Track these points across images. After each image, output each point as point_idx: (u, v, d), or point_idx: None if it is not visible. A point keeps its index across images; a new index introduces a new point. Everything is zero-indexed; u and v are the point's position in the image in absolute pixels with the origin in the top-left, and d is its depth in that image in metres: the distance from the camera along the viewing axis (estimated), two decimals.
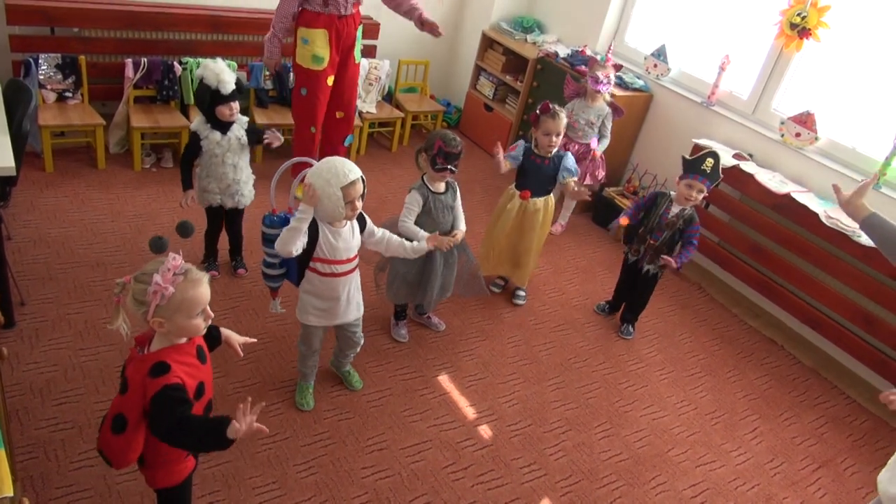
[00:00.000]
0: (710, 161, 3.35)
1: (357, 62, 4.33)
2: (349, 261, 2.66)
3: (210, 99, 3.17)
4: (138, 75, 4.43)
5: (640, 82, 4.92)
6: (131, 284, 1.75)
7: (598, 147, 4.52)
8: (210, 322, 1.86)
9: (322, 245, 2.57)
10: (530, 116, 3.60)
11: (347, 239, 2.62)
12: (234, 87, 3.21)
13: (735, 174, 4.14)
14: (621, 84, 4.87)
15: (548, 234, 3.90)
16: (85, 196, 4.09)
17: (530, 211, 3.70)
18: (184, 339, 1.84)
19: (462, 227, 3.23)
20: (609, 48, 4.60)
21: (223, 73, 3.17)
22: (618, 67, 4.47)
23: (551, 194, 3.75)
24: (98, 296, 3.33)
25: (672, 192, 3.54)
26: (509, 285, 4.07)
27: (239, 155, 3.36)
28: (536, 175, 3.64)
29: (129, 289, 1.76)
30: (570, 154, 3.68)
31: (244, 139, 3.35)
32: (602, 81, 4.35)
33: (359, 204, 2.51)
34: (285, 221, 2.63)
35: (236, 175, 3.39)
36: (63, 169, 4.30)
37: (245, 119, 3.38)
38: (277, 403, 2.96)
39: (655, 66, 4.88)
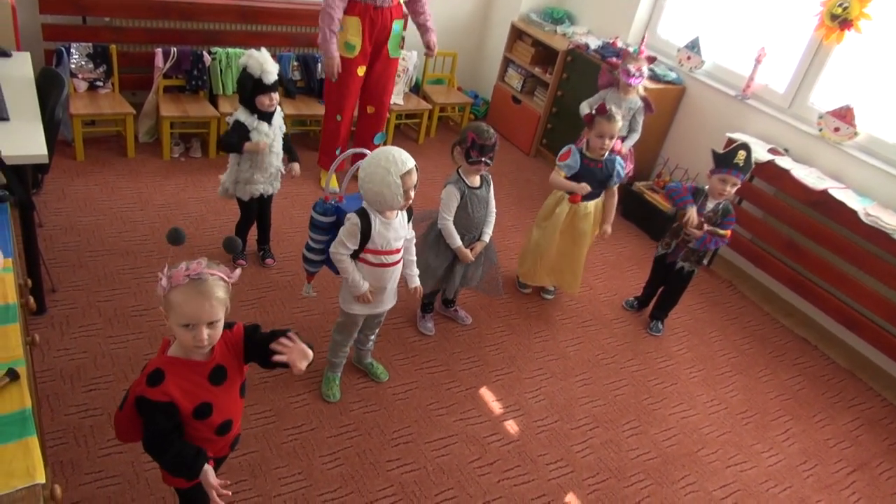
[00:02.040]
0: (742, 153, 3.29)
1: (393, 56, 4.30)
2: (397, 251, 2.68)
3: (252, 87, 3.20)
4: (168, 65, 4.46)
5: (673, 75, 4.85)
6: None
7: (626, 142, 4.46)
8: (204, 346, 1.70)
9: (374, 237, 2.58)
10: (585, 117, 3.52)
11: (398, 229, 2.63)
12: (276, 77, 3.24)
13: (770, 170, 4.07)
14: (653, 76, 4.80)
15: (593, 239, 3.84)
16: (114, 185, 4.13)
17: (581, 215, 3.58)
18: (199, 355, 1.76)
19: (487, 235, 3.26)
20: (642, 40, 4.54)
21: (267, 63, 3.20)
22: (651, 60, 4.41)
23: (601, 196, 3.67)
24: (127, 284, 3.37)
25: (706, 187, 3.49)
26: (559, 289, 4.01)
27: (280, 143, 3.42)
28: (589, 179, 3.53)
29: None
30: (619, 158, 3.58)
31: (284, 126, 3.42)
32: (634, 75, 4.30)
33: (412, 193, 2.52)
34: (337, 210, 2.69)
35: (278, 162, 3.44)
36: (93, 157, 4.35)
37: (280, 110, 3.41)
38: (304, 394, 2.97)
39: (689, 58, 4.81)
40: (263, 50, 3.25)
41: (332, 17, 3.94)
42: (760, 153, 4.13)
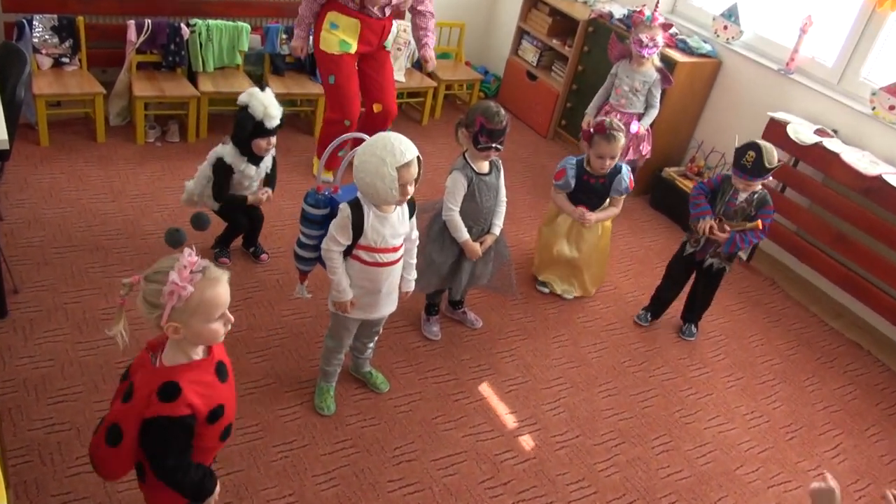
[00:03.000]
0: (750, 155, 3.24)
1: (387, 49, 4.42)
2: (395, 249, 2.65)
3: (252, 130, 3.26)
4: (141, 39, 4.45)
5: (707, 47, 4.82)
6: (141, 285, 1.74)
7: (644, 120, 4.50)
8: (230, 327, 1.83)
9: (367, 231, 2.56)
10: (583, 134, 3.62)
11: (395, 225, 2.61)
12: (279, 122, 3.30)
13: (817, 153, 4.04)
14: (685, 48, 4.78)
15: (610, 237, 3.92)
16: (83, 173, 4.13)
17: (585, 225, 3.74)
18: (200, 351, 1.83)
19: (497, 227, 3.27)
20: (656, 6, 4.49)
21: (271, 108, 3.25)
22: (667, 27, 4.39)
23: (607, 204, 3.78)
24: (97, 283, 3.37)
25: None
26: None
27: (262, 177, 3.53)
28: (589, 195, 3.66)
29: (138, 289, 1.75)
30: (626, 169, 3.65)
31: (271, 166, 3.55)
32: (647, 45, 4.29)
33: (411, 188, 2.49)
34: (330, 202, 2.67)
35: (256, 187, 3.55)
36: (59, 142, 4.35)
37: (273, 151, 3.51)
38: (295, 406, 2.97)
39: (725, 28, 4.78)
40: (269, 90, 3.31)
41: (314, 10, 4.16)
42: (806, 134, 4.10)
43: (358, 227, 2.54)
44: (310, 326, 3.40)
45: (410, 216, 2.71)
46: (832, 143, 4.05)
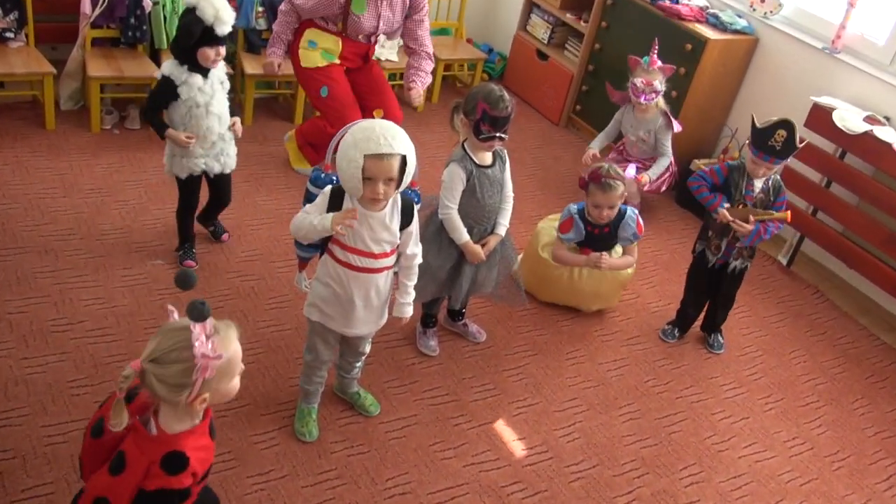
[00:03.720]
0: (781, 133, 3.25)
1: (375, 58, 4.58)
2: (374, 256, 2.62)
3: (199, 36, 3.21)
4: (97, 11, 4.44)
5: (742, 22, 4.84)
6: (149, 369, 1.72)
7: (654, 169, 4.58)
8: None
9: None
10: (579, 182, 3.66)
11: (376, 228, 2.58)
12: (230, 29, 3.26)
13: (867, 143, 4.05)
14: (717, 24, 4.79)
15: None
16: (30, 164, 4.12)
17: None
18: (200, 416, 1.86)
19: (502, 226, 3.26)
20: (654, 47, 4.46)
21: (223, 11, 3.21)
22: (668, 71, 4.44)
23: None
24: (46, 290, 3.36)
25: (744, 160, 3.47)
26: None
27: (223, 103, 3.43)
28: (596, 244, 3.69)
29: (147, 375, 1.73)
30: (631, 212, 3.66)
31: (227, 83, 3.45)
32: (642, 91, 4.37)
33: (383, 189, 2.44)
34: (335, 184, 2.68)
35: (222, 128, 3.44)
36: (2, 130, 4.34)
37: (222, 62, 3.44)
38: (272, 432, 2.96)
39: (763, 0, 4.79)
40: None
41: (287, 26, 4.24)
42: (854, 122, 4.11)
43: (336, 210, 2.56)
44: (289, 340, 3.39)
45: (405, 226, 2.66)
46: (884, 132, 4.05)
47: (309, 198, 2.79)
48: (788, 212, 3.43)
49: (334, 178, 2.77)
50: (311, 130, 4.44)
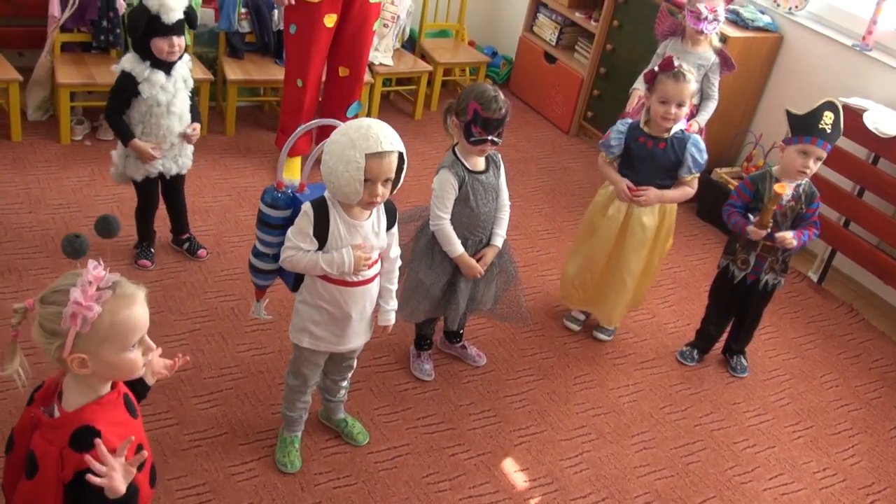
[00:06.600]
0: (829, 115, 3.30)
1: (373, 1, 4.40)
2: (368, 266, 2.67)
3: (146, 28, 3.27)
4: (67, 14, 4.50)
5: (766, 18, 4.87)
6: (37, 308, 1.74)
7: (701, 115, 4.48)
8: (152, 355, 1.87)
9: (331, 239, 2.58)
10: (645, 75, 3.52)
11: (367, 236, 2.63)
12: (180, 16, 3.30)
13: None
14: (737, 21, 4.83)
15: (667, 252, 3.82)
16: None
17: (637, 219, 3.55)
18: (108, 387, 1.84)
19: (499, 237, 3.27)
20: None
21: None
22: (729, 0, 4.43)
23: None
24: (9, 313, 3.38)
25: (774, 167, 3.48)
26: (590, 320, 4.01)
27: (185, 102, 3.50)
28: (647, 165, 3.49)
29: (33, 315, 1.75)
30: (696, 136, 3.54)
31: (191, 82, 3.52)
32: (706, 17, 4.30)
33: (381, 190, 2.50)
34: (294, 201, 2.68)
35: (182, 127, 3.51)
36: None
37: (187, 57, 3.50)
38: (251, 462, 2.97)
39: None
40: None
41: None
42: (888, 125, 4.12)
43: (322, 232, 2.56)
44: (271, 364, 3.41)
45: (389, 226, 2.72)
46: None
47: (266, 220, 2.70)
48: (777, 183, 3.36)
49: (291, 192, 2.74)
50: (285, 100, 4.52)
